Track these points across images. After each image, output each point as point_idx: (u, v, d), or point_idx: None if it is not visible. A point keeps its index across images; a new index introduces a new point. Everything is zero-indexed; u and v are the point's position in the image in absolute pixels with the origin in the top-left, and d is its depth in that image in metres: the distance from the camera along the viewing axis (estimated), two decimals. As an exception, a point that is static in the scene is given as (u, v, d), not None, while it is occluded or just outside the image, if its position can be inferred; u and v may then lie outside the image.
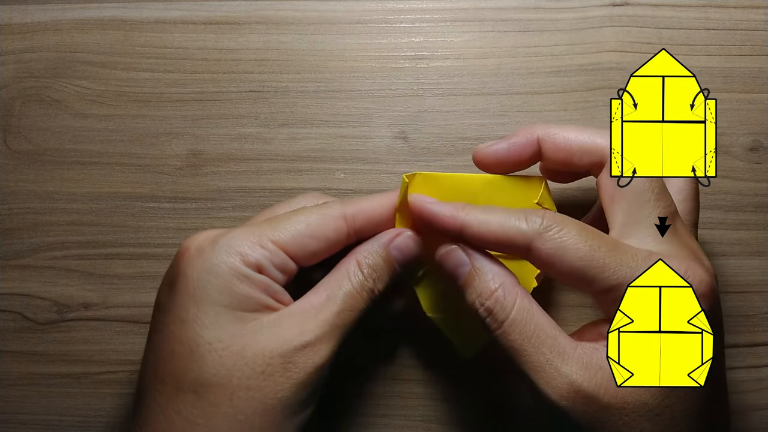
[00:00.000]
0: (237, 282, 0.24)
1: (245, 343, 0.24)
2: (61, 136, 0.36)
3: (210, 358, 0.24)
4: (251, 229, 0.26)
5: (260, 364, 0.24)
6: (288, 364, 0.24)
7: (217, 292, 0.24)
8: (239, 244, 0.25)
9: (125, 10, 0.37)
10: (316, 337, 0.25)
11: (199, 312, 0.24)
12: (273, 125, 0.36)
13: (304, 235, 0.26)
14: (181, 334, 0.24)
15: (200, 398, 0.23)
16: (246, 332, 0.24)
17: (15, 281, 0.35)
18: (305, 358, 0.24)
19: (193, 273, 0.25)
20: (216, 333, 0.24)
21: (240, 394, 0.23)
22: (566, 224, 0.25)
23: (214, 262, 0.25)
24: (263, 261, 0.25)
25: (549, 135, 0.28)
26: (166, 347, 0.24)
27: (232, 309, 0.24)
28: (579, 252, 0.24)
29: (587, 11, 0.36)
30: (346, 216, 0.27)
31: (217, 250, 0.25)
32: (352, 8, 0.37)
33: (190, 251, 0.25)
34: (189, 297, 0.24)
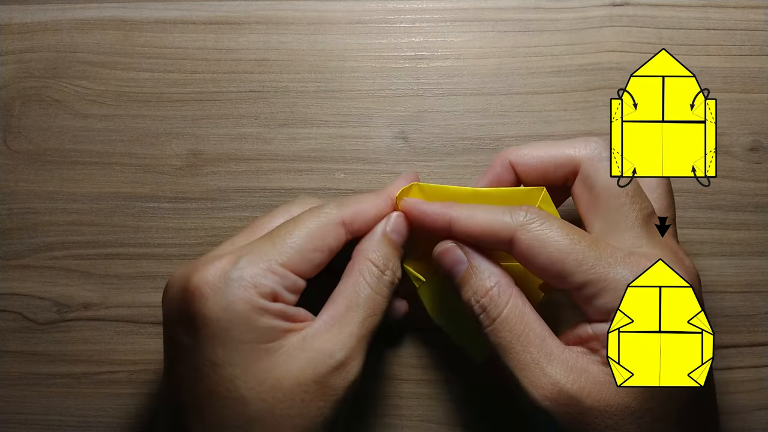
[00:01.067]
0: (257, 317, 0.24)
1: (279, 375, 0.24)
2: (61, 136, 0.36)
3: (249, 396, 0.24)
4: (258, 254, 0.26)
5: (298, 393, 0.24)
6: (325, 388, 0.25)
7: (239, 331, 0.24)
8: (251, 275, 0.25)
9: (125, 10, 0.37)
10: (346, 355, 0.25)
11: (228, 353, 0.24)
12: (273, 125, 0.36)
13: (308, 250, 0.26)
14: (216, 376, 0.24)
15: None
16: (277, 364, 0.24)
17: (15, 281, 0.35)
18: (340, 378, 0.25)
19: (211, 314, 0.24)
20: (249, 371, 0.24)
21: (285, 424, 0.24)
22: (549, 219, 0.26)
23: (231, 300, 0.24)
24: (276, 288, 0.25)
25: (520, 157, 0.29)
26: (202, 389, 0.25)
27: (258, 343, 0.24)
28: (558, 244, 0.25)
29: (587, 11, 0.36)
30: (344, 221, 0.28)
31: (231, 286, 0.24)
32: (352, 8, 0.37)
33: (202, 290, 0.25)
34: (215, 339, 0.24)
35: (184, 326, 0.25)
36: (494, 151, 0.35)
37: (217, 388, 0.24)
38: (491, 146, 0.35)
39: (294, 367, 0.24)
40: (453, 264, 0.27)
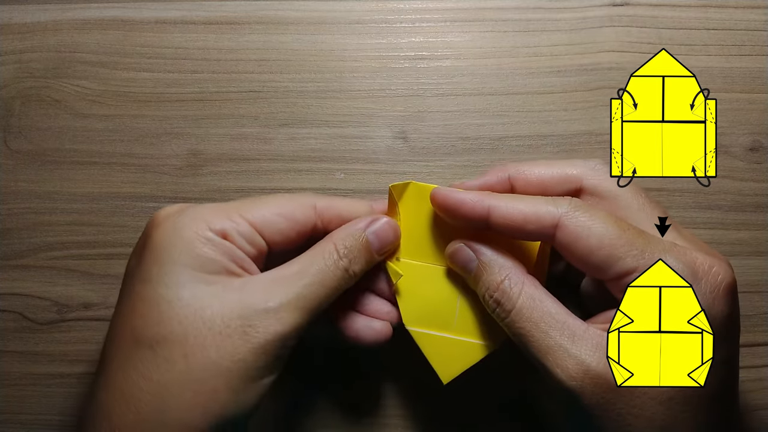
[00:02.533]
0: (200, 244, 0.25)
1: (205, 304, 0.24)
2: (61, 136, 0.36)
3: (168, 315, 0.24)
4: (221, 204, 0.27)
5: (219, 325, 0.24)
6: (248, 328, 0.24)
7: (179, 252, 0.25)
8: (206, 213, 0.26)
9: (125, 10, 0.37)
10: (281, 304, 0.25)
11: (162, 271, 0.24)
12: (273, 125, 0.36)
13: (273, 213, 0.27)
14: (143, 293, 0.24)
15: (156, 354, 0.23)
16: (207, 293, 0.24)
17: (15, 281, 0.35)
18: (266, 323, 0.24)
19: (158, 236, 0.25)
20: (176, 291, 0.24)
21: (195, 353, 0.23)
22: (593, 208, 0.25)
23: (179, 226, 0.25)
24: (228, 229, 0.26)
25: (520, 172, 0.29)
26: (128, 306, 0.25)
27: (195, 270, 0.25)
28: (606, 230, 0.24)
29: (587, 11, 0.36)
30: (317, 206, 0.28)
31: (183, 215, 0.26)
32: (352, 8, 0.37)
33: (158, 218, 0.26)
34: (153, 258, 0.25)
35: (136, 252, 0.26)
36: (494, 151, 0.35)
37: (140, 303, 0.24)
38: (491, 146, 0.35)
39: (223, 300, 0.24)
40: (464, 263, 0.28)
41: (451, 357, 0.29)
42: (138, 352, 0.24)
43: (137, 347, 0.24)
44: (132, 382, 0.23)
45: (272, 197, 0.28)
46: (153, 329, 0.24)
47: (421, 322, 0.29)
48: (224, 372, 0.24)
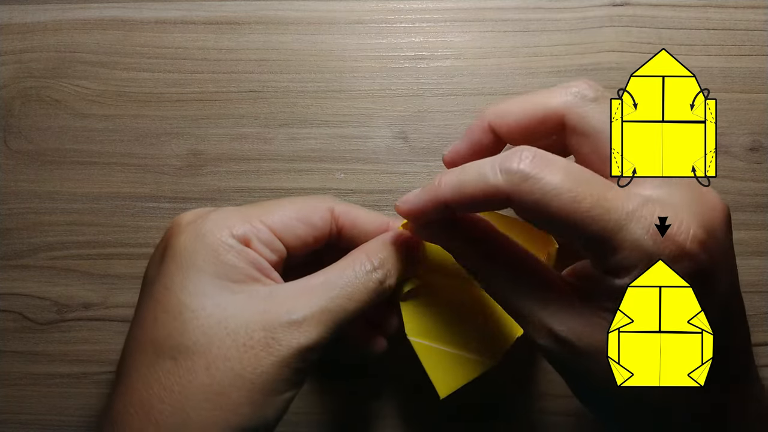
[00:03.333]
0: (223, 251, 0.24)
1: (230, 314, 0.23)
2: (61, 136, 0.36)
3: (192, 325, 0.23)
4: (238, 208, 0.27)
5: (243, 336, 0.23)
6: (271, 340, 0.23)
7: (202, 260, 0.24)
8: (227, 218, 0.25)
9: (125, 10, 0.37)
10: (305, 317, 0.24)
11: (185, 279, 0.24)
12: (273, 125, 0.36)
13: (291, 218, 0.26)
14: (165, 301, 0.24)
15: (178, 365, 0.23)
16: (231, 303, 0.24)
17: (15, 281, 0.35)
18: (290, 336, 0.23)
19: (180, 243, 0.25)
20: (201, 300, 0.23)
21: (218, 365, 0.23)
22: (547, 169, 0.21)
23: (201, 232, 0.25)
24: (250, 235, 0.25)
25: (498, 118, 0.26)
26: (150, 315, 0.24)
27: (218, 278, 0.24)
28: (561, 201, 0.21)
29: (587, 11, 0.36)
30: (334, 211, 0.28)
31: (206, 221, 0.25)
32: (352, 8, 0.37)
33: (180, 224, 0.25)
34: (176, 266, 0.24)
35: (156, 259, 0.26)
36: (494, 151, 0.35)
37: (163, 313, 0.24)
38: (491, 146, 0.35)
39: (246, 311, 0.24)
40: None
41: (450, 371, 0.28)
42: (159, 362, 0.23)
43: (159, 357, 0.23)
44: (153, 393, 0.23)
45: (290, 200, 0.27)
46: (176, 339, 0.23)
47: (423, 334, 0.28)
48: (246, 385, 0.23)
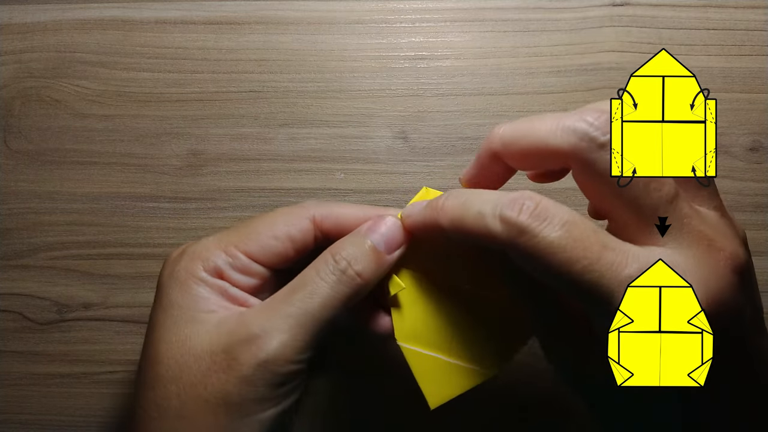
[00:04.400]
0: (194, 285, 0.25)
1: (197, 342, 0.24)
2: (61, 136, 0.36)
3: (166, 355, 0.24)
4: (217, 236, 0.27)
5: (207, 361, 0.24)
6: (232, 360, 0.23)
7: (176, 295, 0.25)
8: (202, 251, 0.26)
9: (125, 10, 0.37)
10: (263, 329, 0.23)
11: (163, 315, 0.25)
12: (273, 125, 0.36)
13: (268, 237, 0.26)
14: (150, 337, 0.25)
15: (155, 394, 0.24)
16: (201, 331, 0.25)
17: (15, 281, 0.35)
18: (249, 353, 0.23)
19: (161, 281, 0.26)
20: (172, 332, 0.25)
21: (187, 390, 0.23)
22: (546, 223, 0.21)
23: (177, 269, 0.26)
24: (223, 266, 0.26)
25: (504, 146, 0.24)
26: (143, 351, 0.26)
27: (190, 310, 0.25)
28: (555, 260, 0.20)
29: (587, 11, 0.36)
30: (315, 217, 0.27)
31: (182, 258, 0.26)
32: (352, 8, 0.37)
33: (165, 263, 0.27)
34: (158, 303, 0.26)
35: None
36: (494, 151, 0.35)
37: (147, 348, 0.25)
38: (491, 146, 0.35)
39: (212, 336, 0.24)
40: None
41: (442, 380, 0.26)
42: (144, 392, 0.24)
43: (143, 388, 0.25)
44: (141, 420, 0.24)
45: (268, 217, 0.27)
46: (154, 369, 0.24)
47: (415, 340, 0.26)
48: (212, 408, 0.23)
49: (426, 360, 0.26)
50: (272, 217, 0.27)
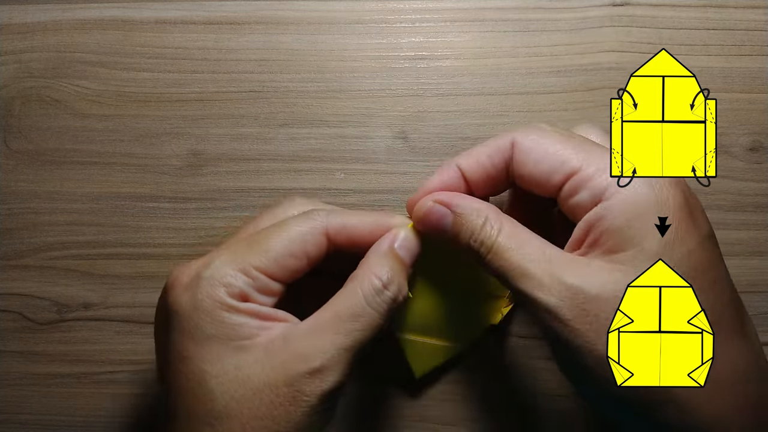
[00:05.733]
0: (225, 314, 0.25)
1: (251, 373, 0.24)
2: (61, 136, 0.36)
3: (219, 390, 0.24)
4: (232, 257, 0.26)
5: (268, 394, 0.24)
6: (296, 393, 0.24)
7: (210, 327, 0.25)
8: (222, 276, 0.25)
9: (125, 10, 0.37)
10: (322, 364, 0.24)
11: (199, 348, 0.25)
12: (273, 125, 0.36)
13: (284, 255, 0.26)
14: (188, 371, 0.25)
15: (215, 430, 0.24)
16: (250, 361, 0.24)
17: (15, 281, 0.35)
18: (313, 386, 0.24)
19: (183, 311, 0.25)
20: (219, 366, 0.24)
21: (252, 424, 0.24)
22: (546, 130, 0.27)
23: (200, 298, 0.25)
24: (246, 289, 0.25)
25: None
26: (176, 384, 0.25)
27: (230, 339, 0.25)
28: (556, 140, 0.27)
29: (587, 11, 0.36)
30: (329, 231, 0.27)
31: (201, 285, 0.25)
32: (352, 8, 0.37)
33: (176, 289, 0.26)
34: (186, 335, 0.25)
35: (162, 324, 0.26)
36: (494, 151, 0.35)
37: (187, 382, 0.25)
38: (491, 146, 0.35)
39: (266, 367, 0.24)
40: (438, 220, 0.27)
41: (424, 358, 0.32)
42: (198, 428, 0.24)
43: (195, 424, 0.24)
44: None
45: (281, 231, 0.27)
46: (207, 405, 0.24)
47: (408, 330, 0.32)
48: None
49: (416, 344, 0.32)
50: (286, 232, 0.27)
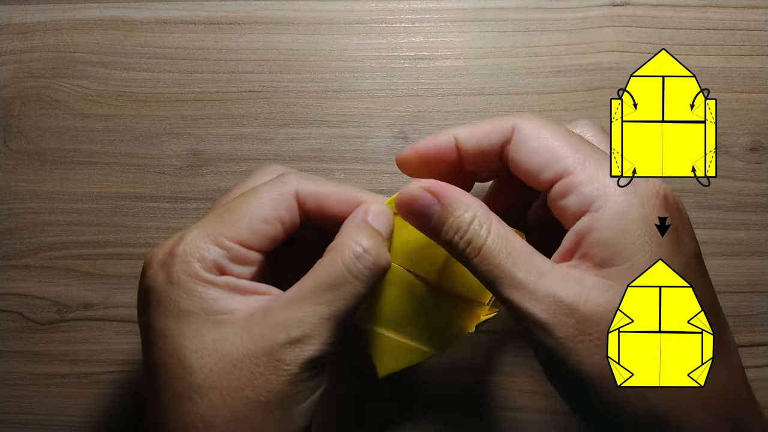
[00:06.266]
0: (202, 289, 0.25)
1: (231, 346, 0.24)
2: (61, 136, 0.36)
3: (198, 365, 0.24)
4: (204, 229, 0.26)
5: (248, 365, 0.24)
6: (276, 362, 0.24)
7: (186, 302, 0.25)
8: (195, 250, 0.25)
9: (125, 10, 0.37)
10: (303, 333, 0.24)
11: (177, 324, 0.24)
12: (273, 125, 0.36)
13: (257, 222, 0.26)
14: (168, 347, 0.25)
15: (195, 404, 0.24)
16: (228, 335, 0.24)
17: (15, 281, 0.35)
18: (293, 354, 0.24)
19: (159, 288, 0.25)
20: (198, 341, 0.24)
21: (233, 395, 0.24)
22: (546, 121, 0.26)
23: (175, 274, 0.25)
24: (221, 261, 0.25)
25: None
26: (157, 362, 0.25)
27: (207, 314, 0.24)
28: (555, 135, 0.26)
29: (587, 11, 0.36)
30: (299, 195, 0.27)
31: (176, 261, 0.25)
32: (352, 8, 0.37)
33: (152, 268, 0.26)
34: (164, 312, 0.25)
35: (142, 302, 0.26)
36: (494, 151, 0.35)
37: (168, 359, 0.24)
38: (491, 146, 0.35)
39: (246, 339, 0.24)
40: (424, 208, 0.26)
41: (392, 356, 0.29)
42: (178, 404, 0.24)
43: (176, 400, 0.24)
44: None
45: (252, 199, 0.26)
46: (187, 380, 0.24)
47: (373, 321, 0.29)
48: (264, 406, 0.24)
49: (380, 338, 0.29)
50: (256, 199, 0.26)
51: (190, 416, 0.24)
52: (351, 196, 0.28)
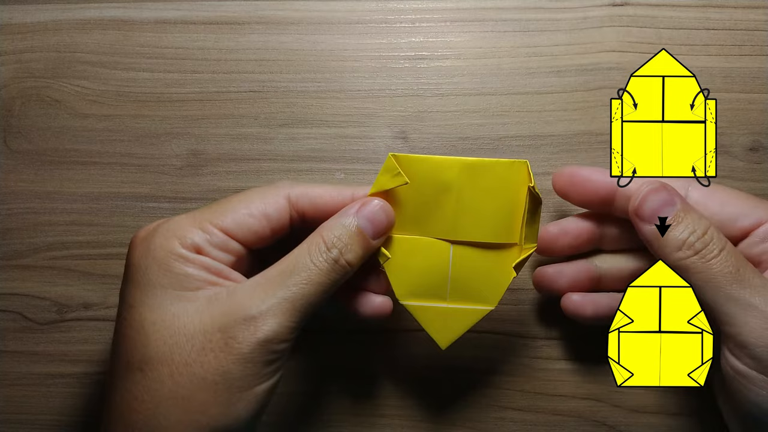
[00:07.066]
0: (174, 263, 0.25)
1: (188, 321, 0.24)
2: (61, 136, 0.36)
3: (154, 336, 0.24)
4: (190, 214, 0.27)
5: (200, 340, 0.24)
6: (229, 339, 0.24)
7: (156, 274, 0.25)
8: (177, 229, 0.26)
9: (125, 10, 0.37)
10: (260, 311, 0.24)
11: (143, 295, 0.25)
12: (273, 125, 0.36)
13: (243, 214, 0.27)
14: (130, 318, 0.25)
15: (145, 376, 0.24)
16: (190, 310, 0.24)
17: (15, 281, 0.35)
18: (247, 332, 0.24)
19: (136, 261, 0.26)
20: (159, 313, 0.24)
21: (181, 371, 0.24)
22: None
23: (152, 248, 0.25)
24: (201, 242, 0.26)
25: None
26: (120, 332, 0.25)
27: (174, 289, 0.25)
28: (729, 192, 0.29)
29: (587, 11, 0.36)
30: (290, 196, 0.28)
31: (156, 236, 0.26)
32: (352, 8, 0.37)
33: (134, 241, 0.26)
34: (134, 283, 0.25)
35: (123, 279, 0.27)
36: (494, 151, 0.35)
37: (128, 329, 0.25)
38: (491, 146, 0.35)
39: (205, 315, 0.24)
40: (662, 205, 0.27)
41: (447, 325, 0.29)
42: (129, 374, 0.24)
43: (128, 370, 0.24)
44: (126, 404, 0.24)
45: (244, 195, 0.27)
46: (140, 352, 0.24)
47: (414, 296, 0.29)
48: (210, 386, 0.24)
49: (428, 310, 0.29)
50: (246, 195, 0.27)
51: (138, 388, 0.24)
52: (342, 193, 0.28)
